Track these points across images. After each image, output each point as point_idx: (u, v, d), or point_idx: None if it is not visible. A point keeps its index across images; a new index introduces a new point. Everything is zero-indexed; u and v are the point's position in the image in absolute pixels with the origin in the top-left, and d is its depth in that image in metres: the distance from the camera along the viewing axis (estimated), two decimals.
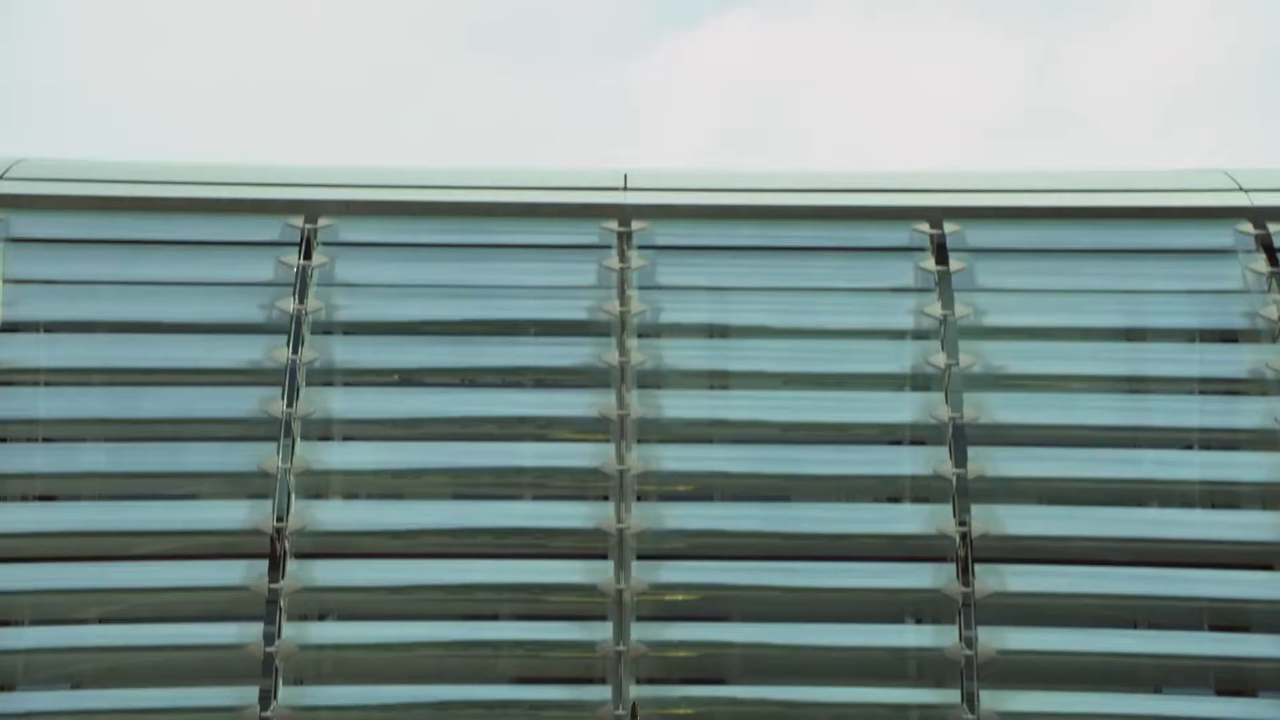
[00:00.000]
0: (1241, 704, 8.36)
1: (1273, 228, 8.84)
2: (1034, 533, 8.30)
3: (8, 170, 9.13)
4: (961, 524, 8.19)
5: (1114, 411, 8.51)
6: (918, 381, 8.63)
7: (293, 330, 8.57)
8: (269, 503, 8.21)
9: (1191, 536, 8.27)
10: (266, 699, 7.90)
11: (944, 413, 8.43)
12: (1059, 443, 8.46)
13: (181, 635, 8.15)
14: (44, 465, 8.47)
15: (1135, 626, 8.40)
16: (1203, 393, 8.56)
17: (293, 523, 8.17)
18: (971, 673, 7.99)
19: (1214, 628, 8.37)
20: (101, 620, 8.33)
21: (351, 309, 8.76)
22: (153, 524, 8.29)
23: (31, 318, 8.68)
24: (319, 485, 8.43)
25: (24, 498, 8.52)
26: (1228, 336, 8.75)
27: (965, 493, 8.27)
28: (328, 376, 8.60)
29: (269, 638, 7.98)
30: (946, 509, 8.26)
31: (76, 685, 8.32)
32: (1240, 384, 8.58)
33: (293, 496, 8.24)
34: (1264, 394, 8.51)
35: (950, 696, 8.04)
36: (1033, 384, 8.64)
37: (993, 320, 8.71)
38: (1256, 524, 8.32)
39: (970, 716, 7.92)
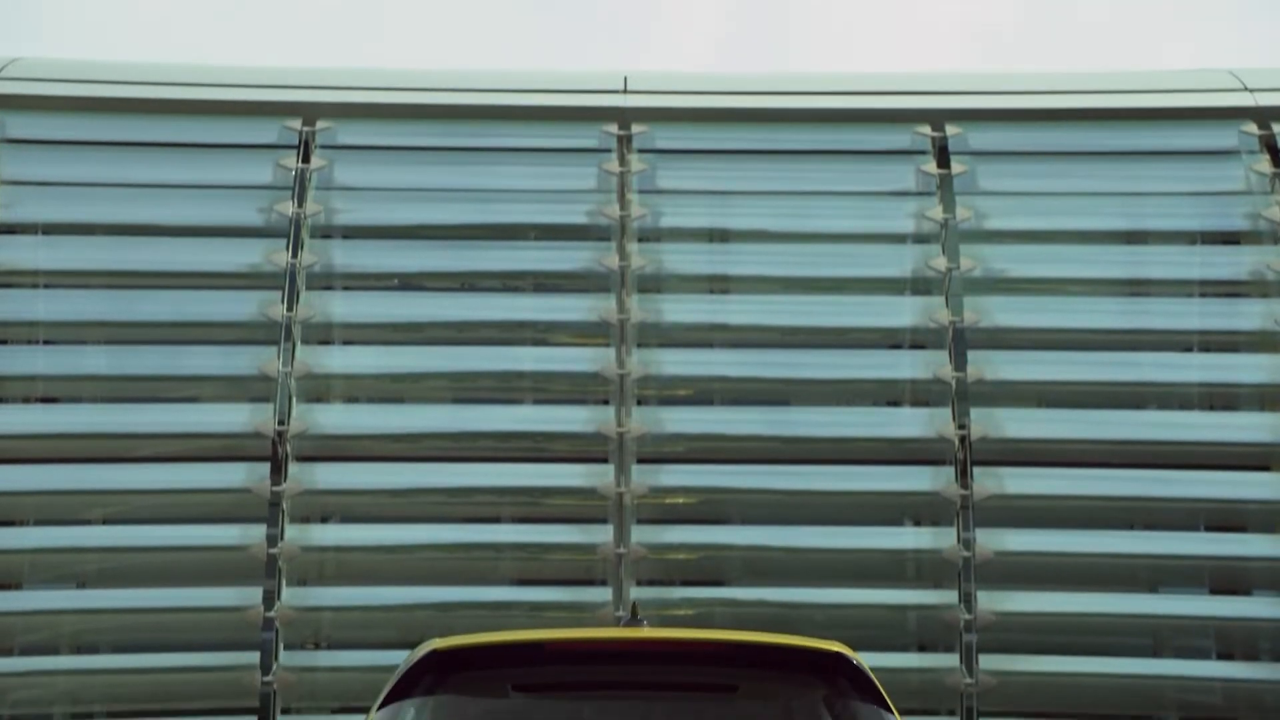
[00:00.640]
0: (1236, 602, 8.45)
1: (1278, 128, 8.79)
2: (1033, 436, 8.33)
3: (3, 69, 9.07)
4: (960, 427, 8.22)
5: (1114, 315, 8.51)
6: (918, 286, 8.63)
7: (292, 234, 8.55)
8: (270, 406, 8.24)
9: (1189, 438, 8.31)
10: (270, 599, 7.97)
11: (944, 317, 8.43)
12: (1058, 346, 8.47)
13: (185, 537, 8.21)
14: (45, 368, 8.50)
15: (1132, 528, 8.46)
16: (1203, 295, 8.56)
17: (294, 426, 8.19)
18: (969, 574, 8.05)
19: (1210, 528, 8.43)
20: (105, 521, 8.39)
21: (350, 213, 8.74)
22: (154, 426, 8.32)
23: (29, 220, 8.67)
24: (319, 389, 8.46)
25: (25, 400, 8.55)
26: (1229, 238, 8.73)
27: (964, 396, 8.29)
28: (327, 281, 8.60)
29: (272, 540, 8.03)
30: (946, 412, 8.29)
31: (82, 585, 8.39)
32: (1241, 286, 8.58)
33: (293, 400, 8.27)
34: (1264, 296, 8.51)
35: (948, 597, 8.10)
36: (1033, 288, 8.64)
37: (993, 224, 8.69)
38: (1255, 425, 8.36)
39: (967, 616, 7.99)
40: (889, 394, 8.70)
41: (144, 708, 8.14)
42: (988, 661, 7.96)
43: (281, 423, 8.19)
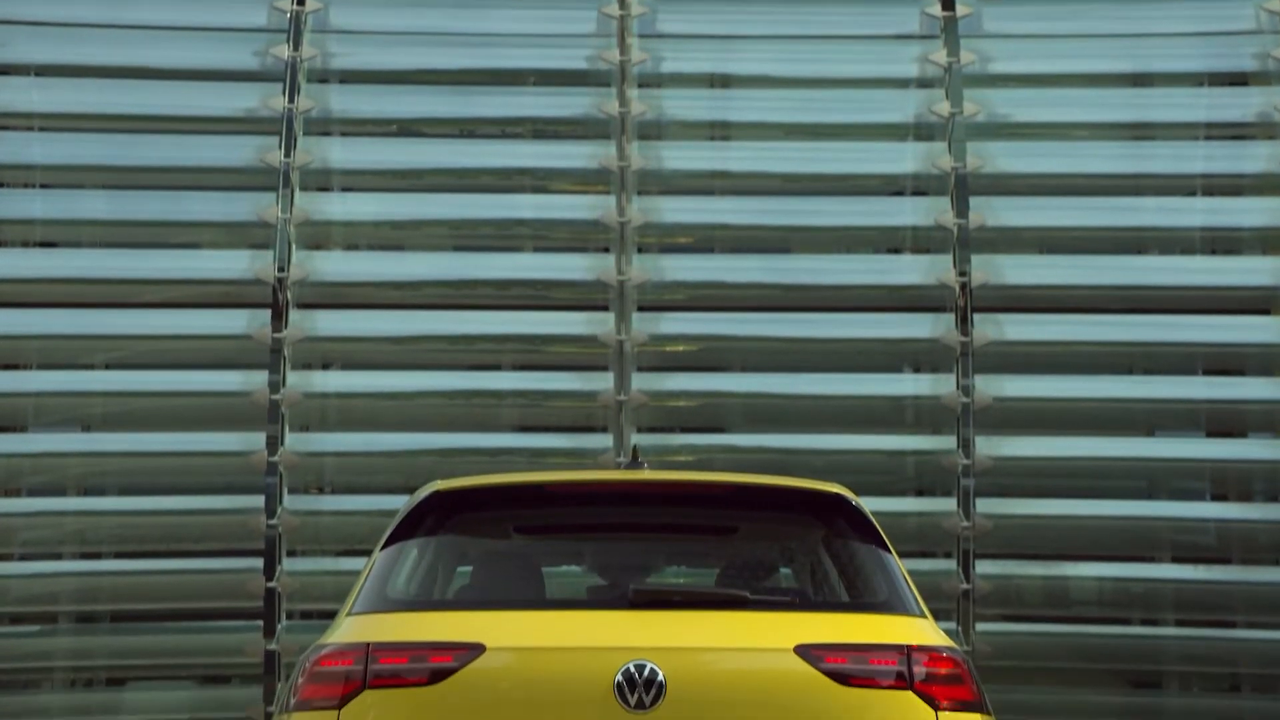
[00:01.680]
0: (1231, 445, 8.53)
1: None
2: (1033, 282, 8.34)
3: None
4: (961, 274, 8.22)
5: (1117, 159, 8.46)
6: (921, 131, 8.56)
7: (288, 78, 8.46)
8: (270, 253, 8.23)
9: (1189, 283, 8.31)
10: (273, 445, 8.03)
11: (946, 162, 8.37)
12: (1061, 191, 8.44)
13: (188, 382, 8.26)
14: (43, 212, 8.48)
15: (1130, 372, 8.50)
16: (1208, 138, 8.50)
17: (294, 273, 8.19)
18: (967, 419, 8.10)
19: (1208, 372, 8.48)
20: (108, 366, 8.44)
21: (347, 57, 8.63)
22: (155, 272, 8.31)
23: (22, 61, 8.57)
24: (319, 236, 8.44)
25: (24, 244, 8.54)
26: (1237, 79, 8.64)
27: (966, 243, 8.27)
28: (325, 126, 8.53)
29: (274, 386, 8.07)
30: (947, 259, 8.27)
31: (87, 428, 8.47)
32: (1247, 128, 8.51)
33: (293, 247, 8.25)
34: (1271, 138, 8.44)
35: (946, 443, 8.17)
36: (1036, 132, 8.57)
37: (998, 67, 8.59)
38: (1256, 269, 8.36)
39: (965, 461, 8.06)
40: (890, 241, 8.69)
41: (151, 549, 8.26)
42: (985, 505, 8.05)
43: (281, 269, 8.18)
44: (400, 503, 4.70)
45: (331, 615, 4.08)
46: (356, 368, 8.52)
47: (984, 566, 8.00)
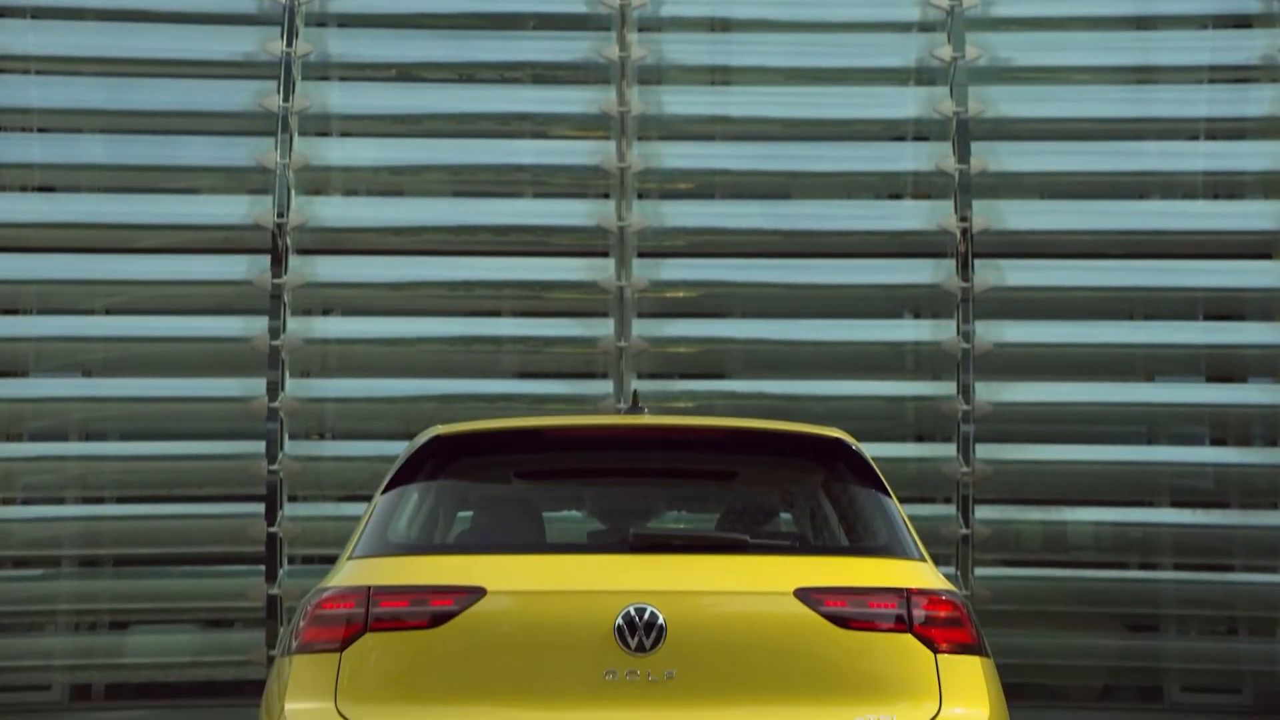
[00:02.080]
0: (1231, 389, 8.54)
1: None
2: (1035, 227, 8.32)
3: None
4: (962, 219, 8.20)
5: (1119, 103, 8.41)
6: (922, 76, 8.51)
7: (286, 21, 8.40)
8: (269, 198, 8.21)
9: (1191, 228, 8.29)
10: (274, 391, 8.04)
11: (948, 107, 8.33)
12: (1063, 136, 8.40)
13: (188, 328, 8.26)
14: (41, 156, 8.44)
15: (1130, 318, 8.50)
16: (1211, 81, 8.46)
17: (293, 218, 8.17)
18: (968, 365, 8.11)
19: (1209, 317, 8.48)
20: (108, 311, 8.44)
21: (345, 0, 8.58)
22: (154, 217, 8.29)
23: (18, 3, 8.51)
24: (318, 181, 8.41)
25: (23, 188, 8.52)
26: (1240, 22, 8.58)
27: (967, 188, 8.25)
28: (323, 71, 8.48)
29: (274, 332, 8.07)
30: (948, 204, 8.25)
31: (88, 374, 8.48)
32: (1250, 71, 8.46)
33: (292, 192, 8.23)
34: (1274, 81, 8.39)
35: (946, 389, 8.17)
36: (1038, 76, 8.53)
37: (1000, 10, 8.53)
38: (1258, 213, 8.33)
39: (965, 407, 8.07)
40: (891, 186, 8.67)
41: (153, 494, 8.29)
42: (984, 451, 8.07)
43: (281, 215, 8.16)
44: (400, 449, 4.71)
45: (333, 560, 4.09)
46: (356, 313, 8.51)
47: (983, 512, 8.03)
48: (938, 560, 4.02)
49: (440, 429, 4.26)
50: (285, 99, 8.27)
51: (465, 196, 8.59)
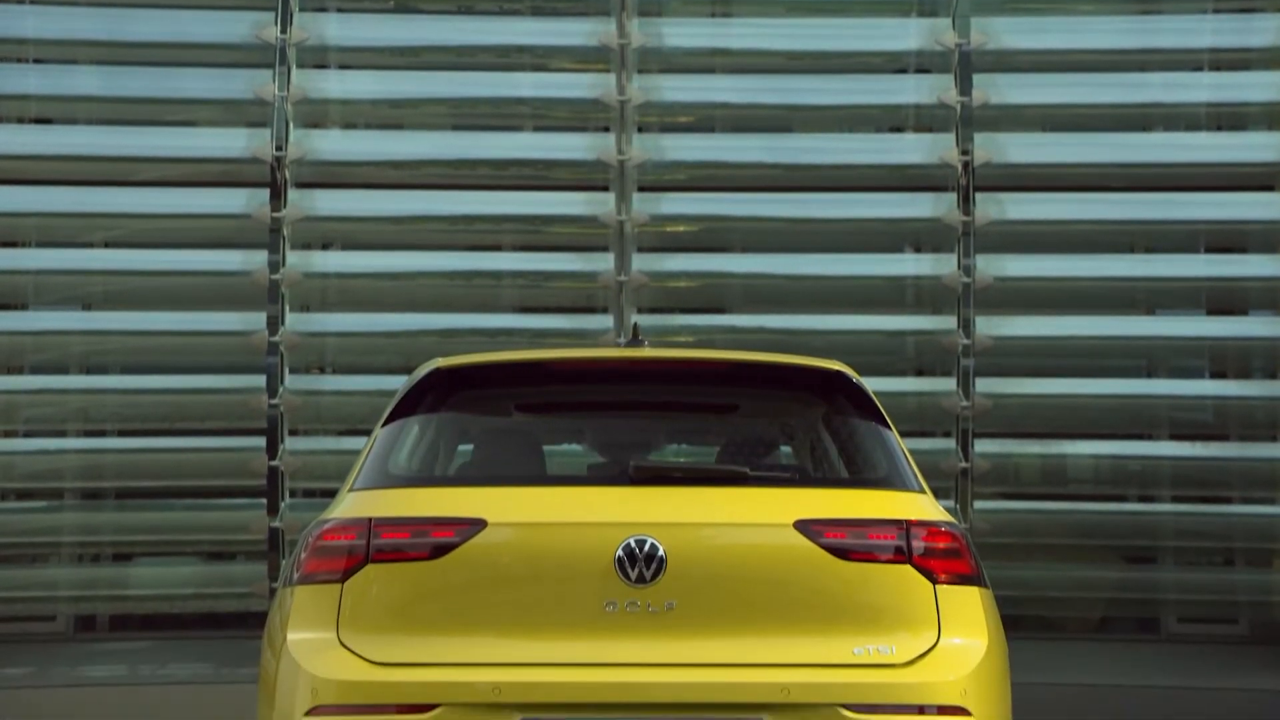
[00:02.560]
0: (1231, 322, 8.54)
1: None
2: (1036, 160, 8.28)
3: None
4: (964, 152, 8.16)
5: (1123, 34, 8.34)
6: (924, 7, 8.45)
7: None
8: (267, 131, 8.17)
9: (1194, 159, 8.26)
10: (274, 325, 8.04)
11: (950, 39, 8.27)
12: (1066, 68, 8.35)
13: (187, 262, 8.25)
14: (37, 87, 8.40)
15: (1132, 251, 8.49)
16: (1216, 11, 8.39)
17: (292, 152, 8.13)
18: (968, 299, 8.10)
19: (1210, 250, 8.46)
20: (107, 245, 8.42)
21: None
22: (151, 150, 8.25)
23: None
24: (316, 114, 8.37)
25: (19, 120, 8.47)
26: None
27: (969, 121, 8.20)
28: (321, 2, 8.42)
29: (273, 266, 8.06)
30: (949, 138, 8.21)
31: (87, 307, 8.47)
32: (1255, 0, 8.40)
33: (290, 125, 8.18)
34: (1279, 10, 8.35)
35: (946, 323, 8.17)
36: (1041, 7, 8.46)
37: None
38: (1261, 145, 8.29)
39: (965, 341, 8.06)
40: (892, 119, 8.62)
41: (155, 427, 8.31)
42: (984, 385, 8.07)
43: (279, 148, 8.13)
44: (400, 383, 4.71)
45: (334, 494, 4.10)
46: (356, 248, 8.50)
47: (983, 445, 8.05)
48: (937, 494, 4.03)
49: (440, 361, 4.26)
50: (283, 31, 8.21)
51: (464, 130, 8.55)
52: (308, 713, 3.55)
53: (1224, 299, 8.47)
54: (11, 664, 8.01)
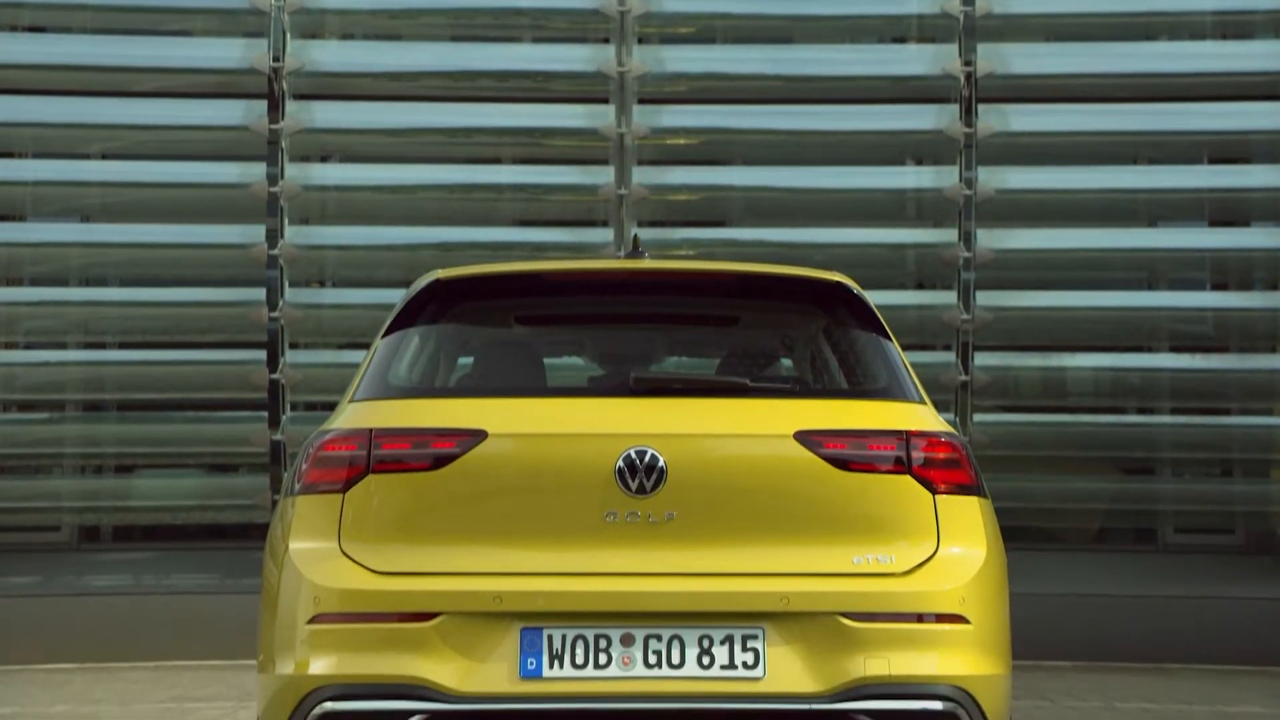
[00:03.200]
0: (1233, 234, 8.52)
1: None
2: (1039, 71, 8.23)
3: None
4: (967, 64, 8.09)
5: None
6: None
7: None
8: (264, 41, 8.09)
9: (1199, 69, 8.20)
10: (274, 238, 8.01)
11: None
12: None
13: (185, 174, 8.21)
14: None
15: (1135, 162, 8.45)
16: None
17: (289, 63, 8.06)
18: (969, 212, 8.07)
19: (1213, 161, 8.42)
20: (104, 156, 8.38)
21: None
22: (147, 60, 8.18)
23: None
24: (314, 25, 8.29)
25: (13, 28, 8.39)
26: None
27: (972, 31, 8.13)
28: None
29: (272, 178, 8.02)
30: (952, 49, 8.14)
31: (86, 219, 8.45)
32: None
33: (288, 35, 8.11)
34: None
35: (947, 236, 8.15)
36: None
37: None
38: (1266, 53, 8.22)
39: (966, 254, 8.04)
40: (895, 30, 8.55)
41: (155, 339, 8.31)
42: (984, 298, 8.07)
43: (277, 59, 8.06)
44: (400, 297, 4.69)
45: (335, 407, 4.10)
46: (355, 160, 8.46)
47: (982, 359, 8.06)
48: (937, 407, 4.02)
49: (441, 273, 4.24)
50: None
51: (464, 41, 8.49)
52: (310, 621, 3.57)
53: (1226, 210, 8.45)
54: (17, 573, 8.07)
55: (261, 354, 7.99)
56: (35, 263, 8.37)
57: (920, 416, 3.90)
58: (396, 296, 4.91)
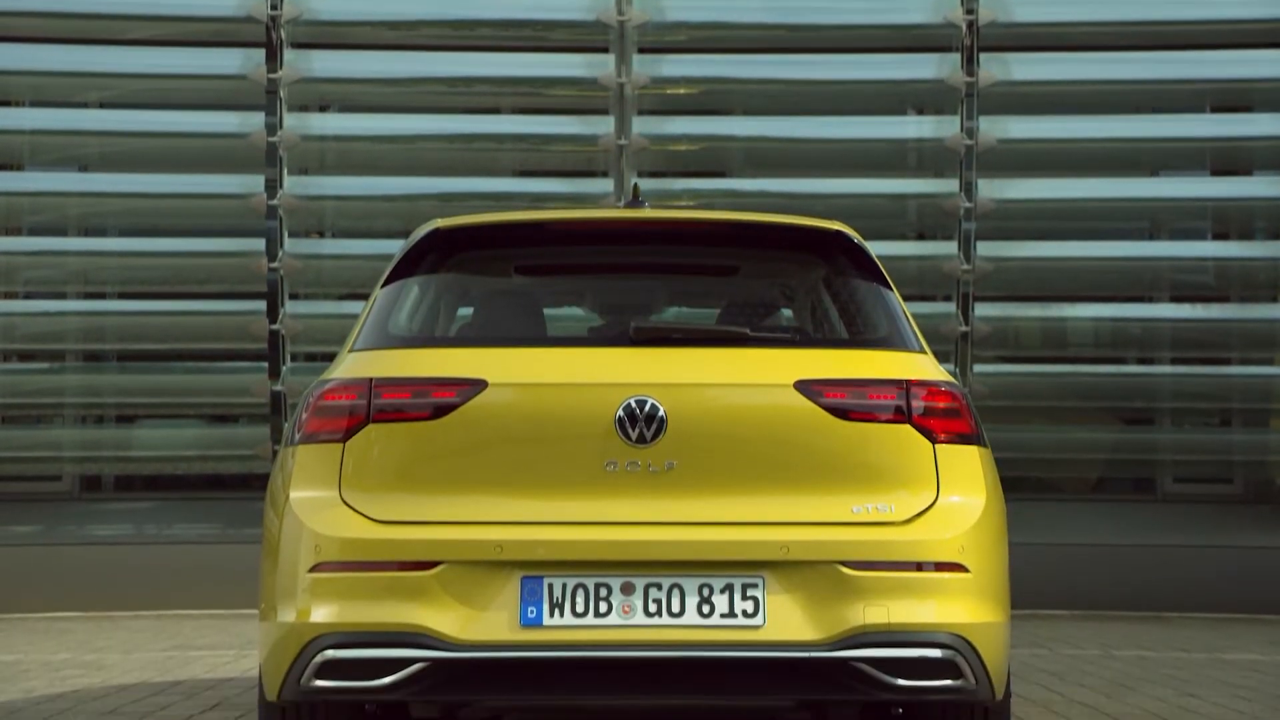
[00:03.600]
0: (1235, 183, 8.49)
1: None
2: (1042, 19, 8.17)
3: None
4: (969, 12, 8.04)
5: None
6: None
7: None
8: None
9: (1202, 16, 8.14)
10: (273, 188, 7.98)
11: None
12: None
13: (184, 123, 8.18)
14: None
15: (1138, 112, 8.41)
16: None
17: (287, 10, 8.00)
18: (971, 162, 8.04)
19: (1216, 110, 8.38)
20: (102, 105, 8.34)
21: None
22: (143, 8, 8.13)
23: None
24: None
25: None
26: None
27: None
28: None
29: (271, 128, 7.98)
30: None
31: (84, 168, 8.42)
32: None
33: None
34: None
35: (948, 186, 8.12)
36: None
37: None
38: (1271, 0, 8.16)
39: (967, 204, 8.02)
40: None
41: (155, 290, 8.30)
42: (985, 248, 8.05)
43: (275, 7, 8.01)
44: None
45: (335, 358, 4.10)
46: (354, 110, 8.43)
47: (983, 309, 8.05)
48: (937, 358, 4.01)
49: (440, 222, 4.22)
50: None
51: None
52: (311, 569, 3.57)
53: (1229, 159, 8.42)
54: (19, 522, 8.09)
55: (261, 304, 7.98)
56: (34, 212, 8.35)
57: (921, 366, 3.89)
58: (396, 247, 4.90)
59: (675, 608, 3.61)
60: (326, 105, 8.41)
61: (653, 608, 3.60)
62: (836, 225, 4.24)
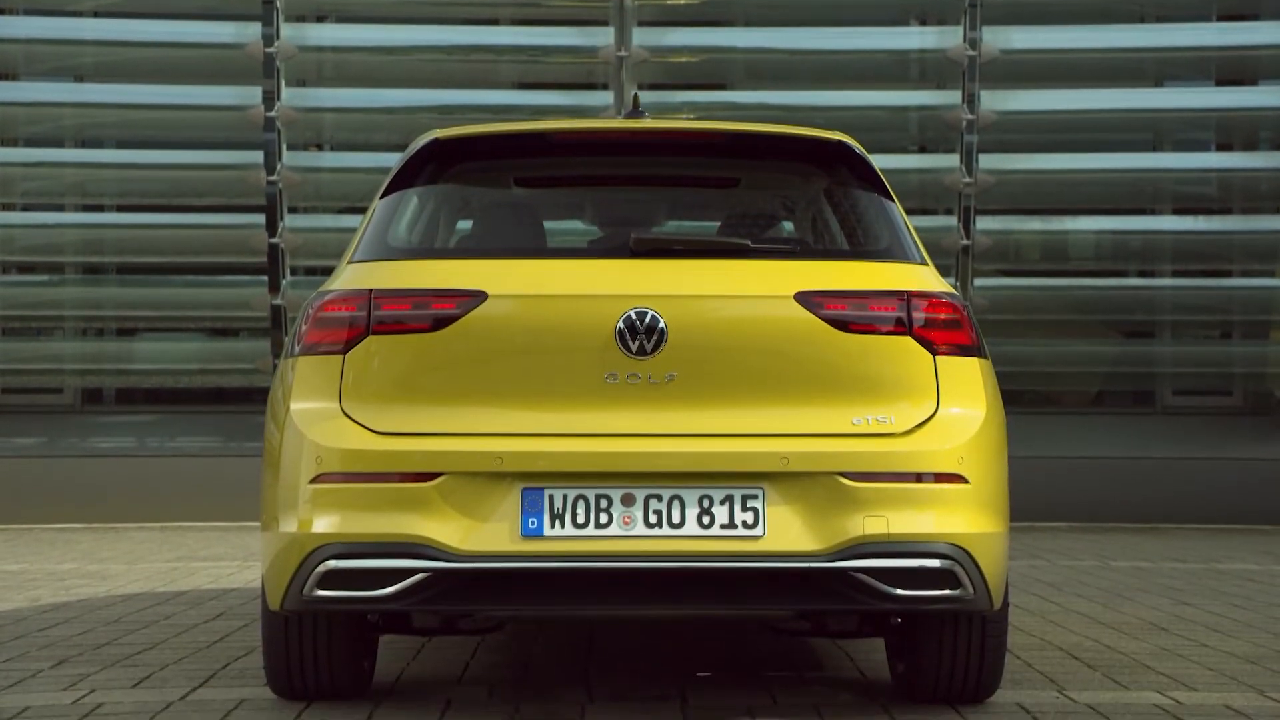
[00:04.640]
0: (1240, 93, 8.42)
1: None
2: None
3: None
4: None
5: None
6: None
7: None
8: None
9: None
10: (270, 100, 7.92)
11: None
12: None
13: (179, 33, 8.09)
14: None
15: (1142, 20, 8.33)
16: None
17: None
18: (973, 73, 7.97)
19: (1221, 18, 8.30)
20: (96, 14, 8.25)
21: None
22: None
23: None
24: None
25: None
26: None
27: None
28: None
29: (268, 38, 7.90)
30: None
31: (79, 78, 8.35)
32: None
33: None
34: None
35: (950, 98, 8.06)
36: None
37: None
38: None
39: (969, 117, 7.96)
40: None
41: (153, 203, 8.26)
42: (987, 161, 8.00)
43: None
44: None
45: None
46: (351, 20, 8.34)
47: (984, 222, 8.02)
48: (938, 271, 3.99)
49: (439, 132, 4.18)
50: None
51: None
52: (312, 480, 3.57)
53: (1234, 68, 8.34)
54: (21, 434, 8.11)
55: (260, 218, 7.94)
56: (29, 122, 8.29)
57: (921, 277, 3.86)
58: (395, 160, 4.87)
59: (675, 519, 3.61)
60: (324, 15, 8.32)
61: (653, 519, 3.61)
62: (839, 135, 4.20)
